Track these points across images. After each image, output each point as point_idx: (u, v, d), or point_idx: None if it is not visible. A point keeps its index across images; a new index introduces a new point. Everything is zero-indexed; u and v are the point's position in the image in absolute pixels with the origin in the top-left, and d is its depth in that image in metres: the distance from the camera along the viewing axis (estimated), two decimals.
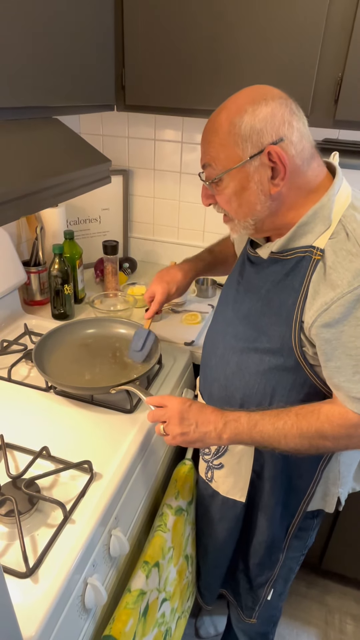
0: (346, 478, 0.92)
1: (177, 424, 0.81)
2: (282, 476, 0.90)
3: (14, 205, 0.65)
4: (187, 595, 1.17)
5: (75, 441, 0.93)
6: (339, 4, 0.98)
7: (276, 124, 0.70)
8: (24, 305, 1.42)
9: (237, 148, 0.72)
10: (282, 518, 0.96)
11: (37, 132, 0.82)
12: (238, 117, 0.71)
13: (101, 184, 0.94)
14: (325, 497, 0.93)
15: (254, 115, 0.70)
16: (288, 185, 0.73)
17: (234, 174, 0.74)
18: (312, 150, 0.74)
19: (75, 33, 0.86)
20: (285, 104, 0.71)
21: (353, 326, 0.69)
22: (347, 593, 1.64)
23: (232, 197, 0.76)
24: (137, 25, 1.13)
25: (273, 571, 1.05)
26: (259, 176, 0.72)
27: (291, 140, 0.71)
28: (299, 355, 0.77)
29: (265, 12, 1.03)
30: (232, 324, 0.89)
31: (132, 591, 0.83)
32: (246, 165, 0.72)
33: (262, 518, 0.97)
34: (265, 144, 0.70)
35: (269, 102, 0.70)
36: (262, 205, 0.75)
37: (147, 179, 1.70)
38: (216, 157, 0.75)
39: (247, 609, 1.14)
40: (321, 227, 0.74)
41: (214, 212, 1.64)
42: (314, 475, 0.89)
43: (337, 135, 1.37)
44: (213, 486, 1.02)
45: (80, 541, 0.73)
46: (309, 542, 1.04)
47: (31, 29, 0.73)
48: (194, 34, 1.10)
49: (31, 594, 0.66)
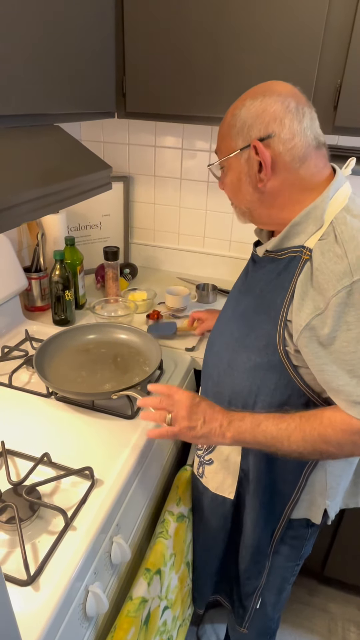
0: (335, 490, 0.91)
1: (186, 417, 0.80)
2: (266, 478, 0.90)
3: (15, 211, 0.65)
4: (188, 602, 1.16)
5: (76, 447, 0.92)
6: (337, 12, 0.99)
7: (266, 120, 0.73)
8: (24, 311, 1.43)
9: (231, 140, 0.77)
10: (267, 522, 0.95)
11: (38, 139, 0.83)
12: (238, 109, 0.76)
13: (102, 191, 0.94)
14: (312, 506, 0.92)
15: (248, 109, 0.74)
16: (278, 180, 0.76)
17: (229, 163, 0.80)
18: (307, 149, 0.75)
19: (76, 40, 0.87)
20: (281, 101, 0.73)
21: (344, 331, 0.69)
22: (350, 601, 1.62)
23: (230, 184, 0.82)
24: (138, 32, 1.15)
25: (260, 579, 1.04)
26: (247, 168, 0.77)
27: (280, 137, 0.73)
28: (282, 353, 0.78)
29: (265, 19, 1.04)
30: (229, 322, 0.91)
31: (133, 599, 0.82)
32: (238, 156, 0.77)
33: (248, 520, 0.97)
34: (253, 137, 0.74)
35: (265, 98, 0.73)
36: (251, 197, 0.79)
37: (148, 186, 1.71)
38: (219, 146, 0.82)
39: (238, 617, 1.14)
40: (313, 228, 0.75)
41: (214, 218, 1.68)
42: (298, 481, 0.89)
43: (337, 141, 1.38)
44: (203, 482, 1.02)
45: (81, 548, 0.73)
46: (304, 552, 1.02)
47: (32, 36, 0.74)
48: (195, 41, 1.11)
49: (32, 602, 0.65)
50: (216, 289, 1.57)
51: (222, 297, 1.58)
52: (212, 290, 1.56)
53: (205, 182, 1.63)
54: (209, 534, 1.07)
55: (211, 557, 1.11)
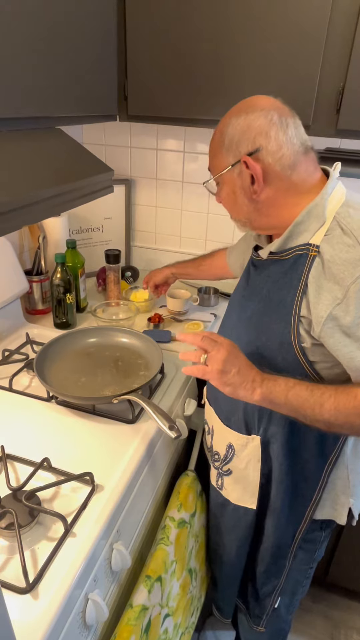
0: (357, 487, 0.91)
1: (222, 360, 0.76)
2: (287, 479, 0.90)
3: (17, 214, 0.65)
4: (191, 610, 1.15)
5: (76, 452, 0.92)
6: (340, 15, 0.99)
7: (252, 135, 0.76)
8: (25, 314, 1.42)
9: (222, 156, 0.80)
10: (289, 523, 0.95)
11: (40, 142, 0.83)
12: (225, 127, 0.79)
13: (104, 194, 0.94)
14: (335, 505, 0.92)
15: (234, 127, 0.77)
16: (272, 189, 0.78)
17: (223, 179, 0.82)
18: (295, 157, 0.77)
19: (78, 44, 0.87)
20: (265, 116, 0.75)
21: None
22: (353, 607, 1.61)
23: (225, 198, 0.85)
24: (140, 36, 1.14)
25: (279, 579, 1.04)
26: (241, 182, 0.80)
27: (268, 149, 0.76)
28: (297, 350, 0.78)
29: (267, 23, 1.04)
30: (236, 327, 0.91)
31: (133, 607, 0.81)
32: (230, 172, 0.80)
33: (269, 523, 0.96)
34: (243, 153, 0.77)
35: (249, 114, 0.76)
36: (247, 208, 0.82)
37: (150, 188, 1.70)
38: (211, 164, 0.85)
39: (255, 616, 1.13)
40: (316, 225, 0.77)
41: (215, 221, 1.67)
42: (319, 480, 0.89)
43: (339, 144, 1.38)
44: (224, 494, 1.01)
45: (81, 555, 0.72)
46: (317, 555, 1.02)
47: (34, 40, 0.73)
48: (196, 44, 1.11)
49: (31, 610, 0.64)
50: (217, 292, 1.56)
51: (223, 300, 1.57)
52: (213, 294, 1.55)
53: None
54: (233, 547, 1.05)
55: (236, 570, 1.10)
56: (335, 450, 0.86)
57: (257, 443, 0.90)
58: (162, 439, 1.03)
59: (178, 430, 0.87)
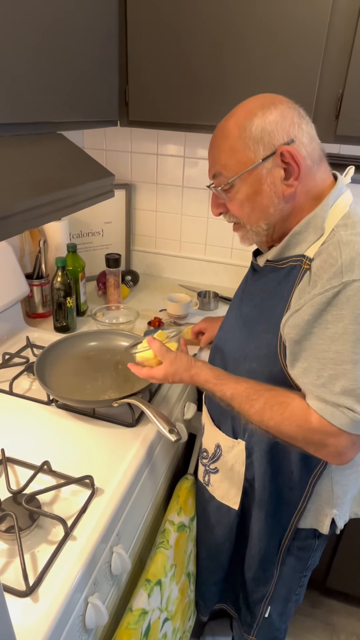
0: (342, 499, 0.90)
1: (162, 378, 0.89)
2: (271, 487, 0.90)
3: (19, 218, 0.66)
4: (188, 614, 1.14)
5: (76, 455, 0.92)
6: (339, 23, 1.00)
7: (287, 125, 0.71)
8: (26, 317, 1.42)
9: (248, 151, 0.73)
10: (274, 531, 0.95)
11: (41, 147, 0.83)
12: (248, 120, 0.72)
13: (105, 198, 0.94)
14: (318, 515, 0.91)
15: (264, 118, 0.72)
16: (300, 187, 0.74)
17: (245, 178, 0.75)
18: (320, 153, 0.76)
19: (80, 50, 0.88)
20: (293, 108, 0.73)
21: (322, 329, 0.69)
22: (353, 613, 1.60)
23: (244, 202, 0.77)
24: (141, 42, 1.16)
25: (268, 587, 1.03)
26: (271, 178, 0.73)
27: (302, 141, 0.72)
28: (282, 362, 0.77)
29: (268, 30, 1.05)
30: (232, 330, 0.91)
31: (133, 610, 0.81)
32: (258, 168, 0.73)
33: (255, 529, 0.96)
34: (277, 145, 0.71)
35: (278, 105, 0.73)
36: (274, 208, 0.76)
37: (150, 193, 1.71)
38: (227, 164, 0.76)
39: (246, 624, 1.13)
40: (313, 237, 0.74)
41: (215, 226, 1.68)
42: (304, 490, 0.88)
43: (338, 150, 1.39)
44: (210, 490, 1.02)
45: (81, 558, 0.72)
46: (311, 563, 1.01)
47: (36, 45, 0.74)
48: (197, 51, 1.12)
49: (31, 613, 0.64)
50: (217, 296, 1.57)
51: (223, 304, 1.58)
52: (213, 298, 1.55)
53: (206, 190, 1.63)
54: (214, 543, 1.07)
55: (215, 566, 1.10)
56: (320, 463, 0.85)
57: (242, 447, 0.91)
58: (162, 443, 1.03)
59: (178, 434, 0.87)
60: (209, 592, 1.16)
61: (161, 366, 0.88)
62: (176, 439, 0.87)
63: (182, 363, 0.87)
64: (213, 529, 1.05)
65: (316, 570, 1.08)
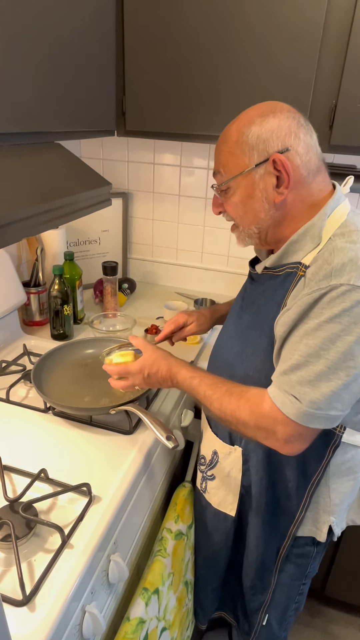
0: (339, 507, 0.90)
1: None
2: (268, 494, 0.90)
3: (17, 227, 0.66)
4: (186, 623, 1.13)
5: (73, 463, 0.91)
6: (332, 34, 1.02)
7: (282, 134, 0.73)
8: (23, 325, 1.42)
9: (244, 156, 0.75)
10: (271, 539, 0.95)
11: (39, 156, 0.84)
12: (246, 127, 0.75)
13: (102, 207, 0.95)
14: (316, 523, 0.91)
15: (262, 125, 0.74)
16: (292, 195, 0.76)
17: (240, 181, 0.77)
18: (318, 163, 0.77)
19: (78, 61, 0.89)
20: (292, 117, 0.74)
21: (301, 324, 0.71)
22: (352, 622, 1.59)
23: (238, 204, 0.80)
24: (138, 53, 1.18)
25: (265, 595, 1.02)
26: (264, 184, 0.75)
27: (297, 150, 0.73)
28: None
29: (262, 40, 1.07)
30: (231, 337, 0.91)
31: (131, 620, 0.81)
32: (252, 173, 0.76)
33: (252, 537, 0.96)
34: (271, 152, 0.73)
35: (277, 114, 0.74)
36: (265, 214, 0.78)
37: (147, 202, 1.73)
38: (225, 165, 0.79)
39: (244, 633, 1.12)
40: (310, 245, 0.76)
41: (212, 234, 1.69)
42: (302, 499, 0.88)
43: (332, 160, 1.41)
44: (206, 497, 1.02)
45: (78, 567, 0.71)
46: (310, 570, 1.00)
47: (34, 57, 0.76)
48: (193, 63, 1.14)
49: (27, 623, 0.64)
50: (214, 303, 1.57)
51: None
52: (210, 305, 1.56)
53: (203, 198, 1.65)
54: (211, 550, 1.06)
55: (213, 573, 1.10)
56: (318, 471, 0.85)
57: (238, 454, 0.91)
58: (160, 450, 1.03)
59: (175, 441, 0.87)
60: (207, 600, 1.16)
61: (139, 359, 0.91)
62: (173, 446, 0.87)
63: (161, 352, 0.90)
64: (210, 536, 1.05)
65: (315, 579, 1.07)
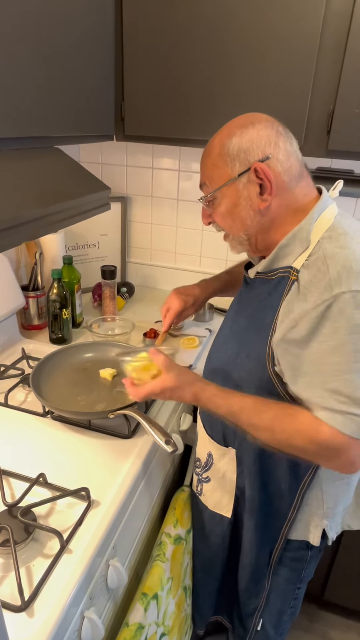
0: (332, 510, 0.90)
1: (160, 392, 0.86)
2: (261, 495, 0.90)
3: (16, 231, 0.66)
4: (185, 629, 1.13)
5: (72, 467, 0.91)
6: (329, 40, 1.03)
7: (262, 143, 0.75)
8: (21, 329, 1.42)
9: (227, 167, 0.78)
10: (264, 541, 0.95)
11: (39, 161, 0.85)
12: (227, 139, 0.77)
13: (101, 211, 0.96)
14: (309, 526, 0.91)
15: (241, 136, 0.76)
16: (277, 201, 0.77)
17: (224, 192, 0.80)
18: (300, 169, 0.78)
19: (77, 67, 0.90)
20: (271, 126, 0.77)
21: (320, 342, 0.70)
22: (351, 627, 1.58)
23: (225, 213, 0.82)
24: (136, 59, 1.18)
25: (259, 599, 1.02)
26: (247, 192, 0.77)
27: (278, 158, 0.75)
28: (271, 373, 0.79)
29: (259, 46, 1.08)
30: (226, 340, 0.92)
31: (129, 625, 0.80)
32: (235, 183, 0.78)
33: (246, 539, 0.96)
34: (252, 161, 0.75)
35: (255, 124, 0.77)
36: (252, 220, 0.80)
37: (145, 206, 1.73)
38: (210, 177, 0.81)
39: (239, 637, 1.12)
40: (299, 249, 0.77)
41: (210, 238, 1.69)
42: (293, 500, 0.88)
43: (330, 164, 1.42)
44: (202, 500, 1.03)
45: (77, 572, 0.71)
46: (305, 575, 1.00)
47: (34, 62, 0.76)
48: (191, 68, 1.15)
49: (26, 629, 0.63)
50: (212, 307, 1.58)
51: (218, 315, 1.59)
52: (208, 309, 1.56)
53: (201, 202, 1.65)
54: (208, 553, 1.06)
55: (210, 577, 1.09)
56: (309, 473, 0.85)
57: (232, 455, 0.91)
58: (158, 454, 1.03)
59: (174, 445, 0.87)
60: (205, 605, 1.15)
61: (162, 378, 0.85)
62: (172, 450, 0.87)
63: (187, 377, 0.85)
64: (207, 539, 1.05)
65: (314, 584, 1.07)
